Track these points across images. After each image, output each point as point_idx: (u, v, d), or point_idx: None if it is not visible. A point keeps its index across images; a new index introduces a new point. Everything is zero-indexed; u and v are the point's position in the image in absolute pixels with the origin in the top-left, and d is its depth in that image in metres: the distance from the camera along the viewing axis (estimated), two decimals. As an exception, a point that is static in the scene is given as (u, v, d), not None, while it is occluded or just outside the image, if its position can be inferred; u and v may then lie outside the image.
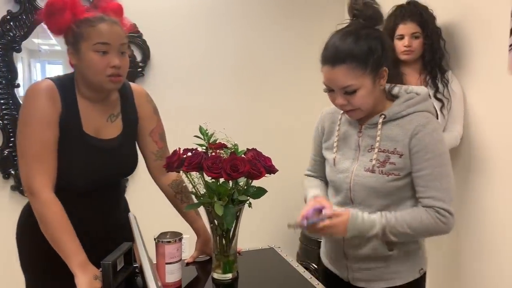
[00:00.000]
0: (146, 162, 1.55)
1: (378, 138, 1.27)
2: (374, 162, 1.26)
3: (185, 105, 2.63)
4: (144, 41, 2.49)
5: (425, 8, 2.02)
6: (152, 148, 1.52)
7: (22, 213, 1.48)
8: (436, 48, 2.02)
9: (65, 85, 1.35)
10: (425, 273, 1.38)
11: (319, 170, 1.48)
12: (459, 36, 2.05)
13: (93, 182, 1.38)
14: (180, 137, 1.53)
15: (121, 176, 1.52)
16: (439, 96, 1.96)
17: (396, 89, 1.33)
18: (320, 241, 1.55)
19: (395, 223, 1.21)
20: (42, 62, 2.46)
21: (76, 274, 1.25)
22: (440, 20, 2.04)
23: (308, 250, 2.62)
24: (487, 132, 1.93)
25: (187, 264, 1.47)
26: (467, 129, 2.00)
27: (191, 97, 2.66)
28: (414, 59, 2.04)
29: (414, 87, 1.33)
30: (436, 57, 2.02)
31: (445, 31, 2.05)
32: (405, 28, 2.00)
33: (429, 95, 1.90)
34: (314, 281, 1.34)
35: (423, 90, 1.32)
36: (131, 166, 1.50)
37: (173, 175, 1.53)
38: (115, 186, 1.51)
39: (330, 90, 1.26)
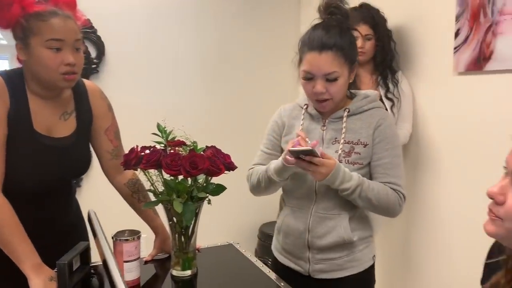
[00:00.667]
0: (100, 161, 1.51)
1: (343, 130, 1.36)
2: (340, 152, 1.34)
3: (141, 103, 2.59)
4: (99, 37, 2.43)
5: (377, 11, 2.10)
6: (107, 147, 1.48)
7: None
8: (387, 49, 2.10)
9: (14, 80, 1.29)
10: (374, 261, 1.47)
11: (269, 163, 1.50)
12: (408, 38, 2.14)
13: (43, 183, 1.33)
14: (137, 135, 1.52)
15: (74, 176, 1.48)
16: (389, 95, 2.05)
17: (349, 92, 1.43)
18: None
19: (367, 187, 1.30)
20: None
21: (29, 277, 1.21)
22: (391, 23, 2.12)
23: (266, 246, 2.66)
24: (434, 130, 2.03)
25: (146, 262, 1.47)
26: (415, 127, 2.10)
27: (147, 95, 2.62)
28: (366, 60, 2.12)
29: (364, 91, 1.45)
30: (387, 58, 2.10)
31: (396, 34, 2.13)
32: (358, 30, 2.07)
33: (380, 95, 1.99)
34: (272, 275, 1.37)
35: (373, 92, 1.45)
36: (85, 166, 1.45)
37: (129, 174, 1.51)
38: (67, 187, 1.47)
39: (309, 78, 1.32)
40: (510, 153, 0.80)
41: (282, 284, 1.31)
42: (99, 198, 2.05)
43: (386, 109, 2.00)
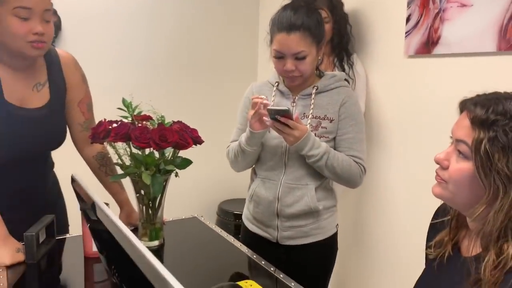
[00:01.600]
0: (71, 132, 1.51)
1: (312, 106, 1.45)
2: (308, 126, 1.42)
3: (102, 80, 2.54)
4: (55, 11, 2.36)
5: None
6: (79, 119, 1.49)
7: None
8: (343, 32, 2.19)
9: None
10: (337, 229, 1.58)
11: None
12: (363, 23, 2.24)
13: (16, 153, 1.33)
14: (101, 113, 1.52)
15: (49, 148, 1.47)
16: (345, 77, 2.14)
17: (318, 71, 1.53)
18: (236, 213, 1.65)
19: (333, 156, 1.40)
20: None
21: None
22: (347, 7, 2.21)
23: (224, 222, 2.73)
24: (385, 109, 2.16)
25: None
26: (368, 106, 2.22)
27: (109, 71, 2.57)
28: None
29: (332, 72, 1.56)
30: (343, 41, 2.19)
31: (351, 18, 2.23)
32: None
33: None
34: (237, 243, 1.44)
35: (340, 72, 1.58)
36: (59, 138, 1.45)
37: (98, 147, 1.53)
38: (42, 159, 1.47)
39: (279, 57, 1.39)
40: (455, 124, 0.91)
41: (254, 256, 1.36)
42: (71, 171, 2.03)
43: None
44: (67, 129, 1.49)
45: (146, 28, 2.69)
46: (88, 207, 1.10)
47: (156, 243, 1.40)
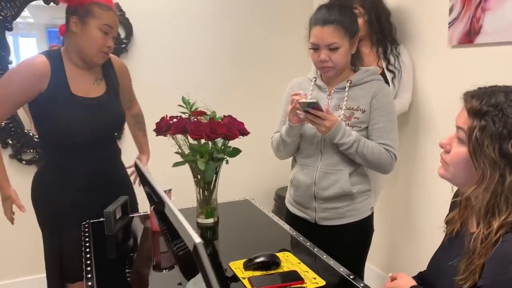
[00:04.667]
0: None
1: (345, 98, 1.60)
2: (342, 117, 1.57)
3: (167, 78, 2.84)
4: (127, 19, 2.67)
5: None
6: (126, 97, 1.90)
7: (34, 179, 1.74)
8: (379, 23, 2.21)
9: (54, 57, 1.61)
10: (373, 212, 1.70)
11: None
12: (408, 16, 2.29)
13: (88, 135, 1.64)
14: (164, 108, 1.77)
15: (112, 129, 1.80)
16: (390, 68, 2.22)
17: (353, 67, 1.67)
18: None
19: (364, 144, 1.54)
20: (14, 35, 2.48)
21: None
22: (391, 3, 2.27)
23: (281, 207, 2.91)
24: (431, 99, 2.22)
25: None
26: (415, 96, 2.29)
27: (172, 71, 2.86)
28: (361, 37, 2.23)
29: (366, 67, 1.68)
30: (385, 32, 2.23)
31: (397, 11, 2.29)
32: None
33: (383, 68, 2.19)
34: (286, 227, 1.62)
35: (374, 67, 1.69)
36: (120, 120, 1.79)
37: (135, 109, 1.99)
38: (109, 142, 1.79)
39: (315, 49, 1.56)
40: (458, 113, 1.02)
41: (294, 233, 1.55)
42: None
43: (387, 81, 2.19)
44: (124, 114, 1.82)
45: (207, 32, 2.93)
46: (150, 191, 1.34)
47: (211, 220, 1.62)
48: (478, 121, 0.93)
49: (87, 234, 1.54)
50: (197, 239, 0.61)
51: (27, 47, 2.59)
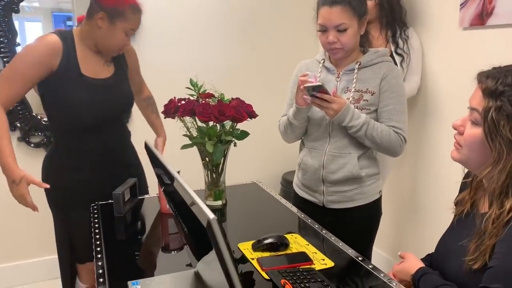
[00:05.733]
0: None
1: (354, 80, 1.58)
2: (351, 99, 1.56)
3: (174, 61, 2.83)
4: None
5: None
6: (135, 79, 1.91)
7: (44, 161, 1.75)
8: (392, 6, 2.19)
9: (66, 38, 1.62)
10: (381, 195, 1.70)
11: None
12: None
13: (97, 116, 1.65)
14: (172, 90, 1.77)
15: (121, 109, 1.79)
16: (399, 51, 2.20)
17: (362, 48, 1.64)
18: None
19: (373, 126, 1.52)
20: (20, 19, 2.45)
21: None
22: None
23: (287, 191, 2.92)
24: (440, 80, 2.20)
25: None
26: (424, 79, 2.27)
27: (179, 54, 2.84)
28: (372, 19, 2.20)
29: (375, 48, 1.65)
30: (394, 14, 2.20)
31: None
32: None
33: (391, 50, 2.16)
34: (294, 209, 1.62)
35: (383, 48, 1.66)
36: (128, 100, 1.79)
37: (146, 92, 2.01)
38: (119, 124, 1.79)
39: (323, 30, 1.54)
40: (471, 95, 1.01)
41: (302, 215, 1.55)
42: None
43: (396, 63, 2.16)
44: (133, 95, 1.82)
45: (214, 14, 2.91)
46: (161, 172, 1.34)
47: (219, 203, 1.63)
48: (493, 101, 0.92)
49: (96, 216, 1.55)
50: (211, 215, 0.61)
51: (33, 31, 2.58)
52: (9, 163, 1.50)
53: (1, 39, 2.38)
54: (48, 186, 1.55)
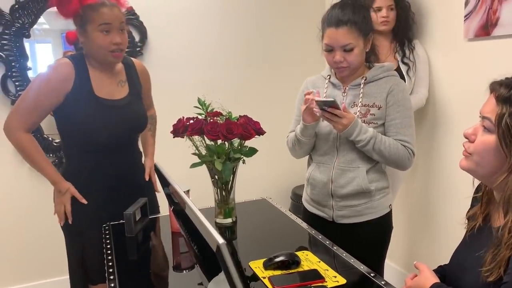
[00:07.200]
0: None
1: (361, 95, 1.59)
2: (358, 114, 1.57)
3: (182, 80, 2.86)
4: (141, 22, 2.70)
5: None
6: (146, 101, 1.90)
7: None
8: (407, 19, 2.25)
9: (78, 61, 1.65)
10: (391, 209, 1.69)
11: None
12: (423, 9, 2.28)
13: (110, 137, 1.66)
14: (179, 109, 1.79)
15: (135, 130, 1.80)
16: (405, 60, 2.21)
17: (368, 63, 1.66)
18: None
19: (381, 140, 1.53)
20: (31, 42, 2.51)
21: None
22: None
23: (297, 205, 2.92)
24: (448, 93, 2.20)
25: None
26: (431, 91, 2.27)
27: (187, 73, 2.88)
28: (390, 29, 2.28)
29: (381, 63, 1.66)
30: (407, 26, 2.25)
31: (412, 4, 2.28)
32: (382, 1, 2.20)
33: (398, 62, 2.17)
34: (304, 225, 1.62)
35: (388, 63, 1.67)
36: (142, 121, 1.80)
37: (152, 111, 2.00)
38: (131, 145, 1.81)
39: (329, 50, 1.56)
40: (484, 104, 1.01)
41: (313, 232, 1.54)
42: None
43: (402, 75, 2.17)
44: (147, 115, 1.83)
45: (220, 33, 2.95)
46: (170, 192, 1.35)
47: (229, 220, 1.63)
48: (507, 108, 0.93)
49: (107, 236, 1.56)
50: (220, 240, 0.62)
51: (43, 53, 2.63)
52: (57, 178, 1.67)
53: (13, 64, 2.44)
54: (86, 202, 1.67)
